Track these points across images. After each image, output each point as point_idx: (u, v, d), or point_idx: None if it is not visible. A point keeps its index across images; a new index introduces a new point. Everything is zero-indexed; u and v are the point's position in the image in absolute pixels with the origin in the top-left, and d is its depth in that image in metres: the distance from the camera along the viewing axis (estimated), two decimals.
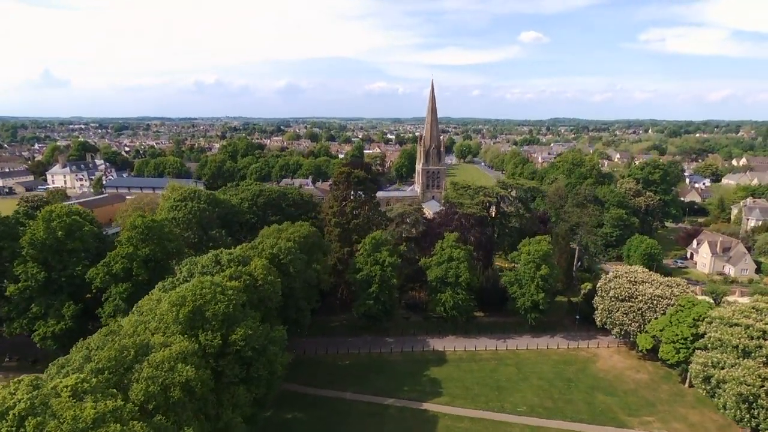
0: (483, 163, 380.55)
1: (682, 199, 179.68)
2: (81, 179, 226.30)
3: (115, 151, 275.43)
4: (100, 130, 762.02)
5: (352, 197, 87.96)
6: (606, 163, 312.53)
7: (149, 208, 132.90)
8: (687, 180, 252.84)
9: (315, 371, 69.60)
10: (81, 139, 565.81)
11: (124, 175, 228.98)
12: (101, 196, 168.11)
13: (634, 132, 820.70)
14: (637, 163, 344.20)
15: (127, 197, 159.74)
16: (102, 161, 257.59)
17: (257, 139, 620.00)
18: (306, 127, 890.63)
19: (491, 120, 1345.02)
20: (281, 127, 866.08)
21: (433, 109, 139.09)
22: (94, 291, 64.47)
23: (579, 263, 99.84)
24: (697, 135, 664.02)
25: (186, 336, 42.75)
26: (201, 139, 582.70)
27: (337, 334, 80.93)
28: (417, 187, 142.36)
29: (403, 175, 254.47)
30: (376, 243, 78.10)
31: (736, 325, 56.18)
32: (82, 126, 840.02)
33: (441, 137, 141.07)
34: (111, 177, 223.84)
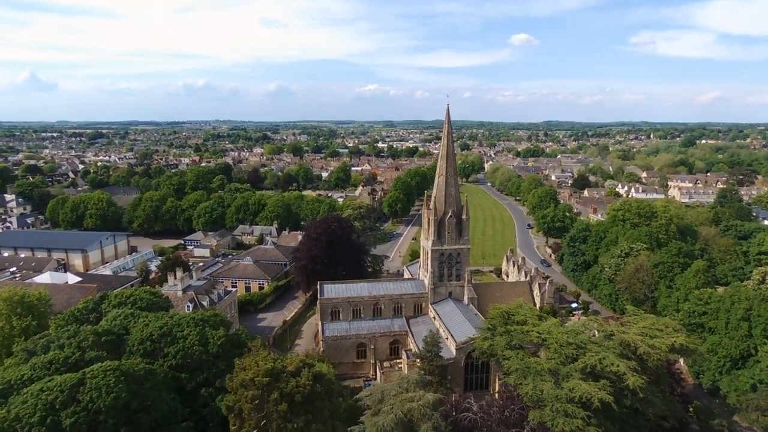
0: (489, 183, 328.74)
1: None
2: None
3: (32, 183, 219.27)
4: (73, 139, 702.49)
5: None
6: (640, 188, 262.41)
7: None
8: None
9: None
10: (47, 150, 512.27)
11: (29, 221, 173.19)
12: None
13: (636, 137, 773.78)
14: (671, 184, 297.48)
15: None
16: (13, 196, 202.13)
17: (240, 147, 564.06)
18: (294, 134, 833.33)
19: (484, 123, 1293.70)
20: (268, 134, 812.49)
21: (448, 154, 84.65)
22: None
23: None
24: (703, 141, 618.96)
25: None
26: (174, 150, 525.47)
27: None
28: (423, 275, 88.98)
29: (397, 212, 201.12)
30: None
31: None
32: (55, 135, 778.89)
33: (464, 197, 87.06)
34: (9, 223, 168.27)
